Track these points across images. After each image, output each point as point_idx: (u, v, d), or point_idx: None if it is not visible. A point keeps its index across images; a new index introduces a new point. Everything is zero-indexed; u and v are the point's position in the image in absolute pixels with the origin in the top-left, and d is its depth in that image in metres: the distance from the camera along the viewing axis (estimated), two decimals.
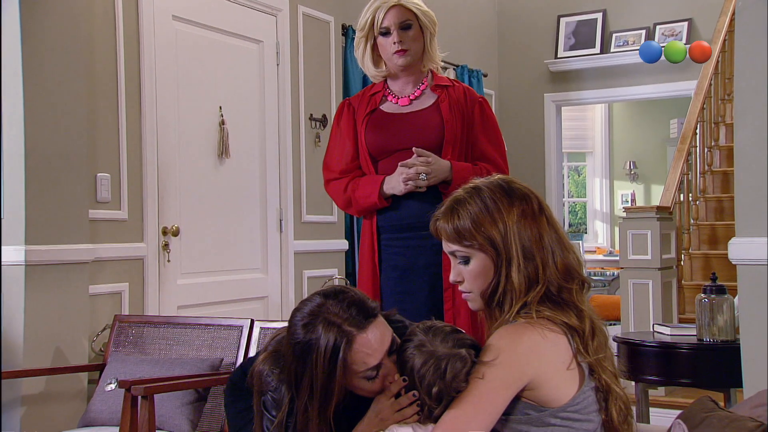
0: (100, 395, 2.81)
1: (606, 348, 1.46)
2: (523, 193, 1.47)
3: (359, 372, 1.40)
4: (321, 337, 1.38)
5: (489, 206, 1.44)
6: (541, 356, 1.37)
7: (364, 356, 1.38)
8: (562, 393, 1.38)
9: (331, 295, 1.44)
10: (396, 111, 2.43)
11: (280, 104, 4.04)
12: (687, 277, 4.79)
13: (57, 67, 2.89)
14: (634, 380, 3.11)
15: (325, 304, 1.42)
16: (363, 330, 1.39)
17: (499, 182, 1.48)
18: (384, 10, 2.36)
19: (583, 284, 1.47)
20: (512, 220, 1.43)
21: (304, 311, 1.43)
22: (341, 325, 1.38)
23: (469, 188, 1.49)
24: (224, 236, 3.75)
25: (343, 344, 1.37)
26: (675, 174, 4.69)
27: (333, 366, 1.37)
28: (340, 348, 1.36)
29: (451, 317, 2.31)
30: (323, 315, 1.40)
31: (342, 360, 1.37)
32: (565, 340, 1.40)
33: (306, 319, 1.42)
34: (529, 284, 1.42)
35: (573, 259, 1.47)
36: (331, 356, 1.37)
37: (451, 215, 1.46)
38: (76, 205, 2.95)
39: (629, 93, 6.23)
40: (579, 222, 9.40)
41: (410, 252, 2.37)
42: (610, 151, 9.22)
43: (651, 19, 5.94)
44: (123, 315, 3.13)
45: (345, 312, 1.40)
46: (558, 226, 1.48)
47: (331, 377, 1.37)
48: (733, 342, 2.84)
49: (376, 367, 1.40)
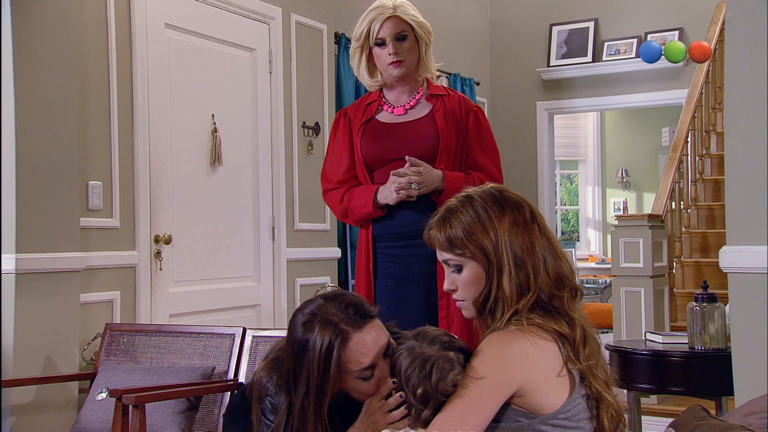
0: (90, 404, 2.80)
1: (598, 355, 1.47)
2: (515, 202, 1.48)
3: (354, 371, 1.43)
4: (317, 335, 1.42)
5: (481, 215, 1.45)
6: (530, 363, 1.38)
7: (359, 355, 1.42)
8: (553, 400, 1.39)
9: (330, 297, 1.50)
10: (391, 120, 2.44)
11: (272, 112, 4.04)
12: (679, 285, 4.81)
13: (49, 74, 2.88)
14: (627, 388, 3.11)
15: (325, 305, 1.47)
16: (359, 330, 1.43)
17: (491, 191, 1.50)
18: (380, 21, 2.37)
19: (575, 292, 1.48)
20: (503, 229, 1.44)
21: (305, 311, 1.49)
22: (338, 324, 1.43)
23: (462, 197, 1.51)
24: (217, 244, 3.74)
25: (338, 342, 1.41)
26: (667, 182, 4.71)
27: (328, 363, 1.40)
28: (335, 346, 1.41)
29: (445, 325, 2.32)
30: (321, 314, 1.45)
31: (337, 358, 1.40)
32: (555, 348, 1.41)
33: (305, 317, 1.47)
34: (520, 292, 1.43)
35: (565, 267, 1.48)
36: (327, 354, 1.41)
37: (444, 224, 1.48)
38: (67, 213, 2.94)
39: (621, 101, 6.26)
40: (571, 230, 9.42)
41: (405, 260, 2.38)
42: (603, 159, 9.26)
43: (642, 28, 5.98)
44: (114, 323, 3.11)
45: (342, 312, 1.45)
46: (550, 235, 1.49)
47: (326, 375, 1.40)
48: (725, 350, 2.85)
49: (371, 368, 1.44)
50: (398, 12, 2.37)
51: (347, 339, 1.42)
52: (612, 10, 6.13)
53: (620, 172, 9.19)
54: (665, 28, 5.84)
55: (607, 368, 1.49)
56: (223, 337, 2.90)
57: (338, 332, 1.42)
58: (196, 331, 2.97)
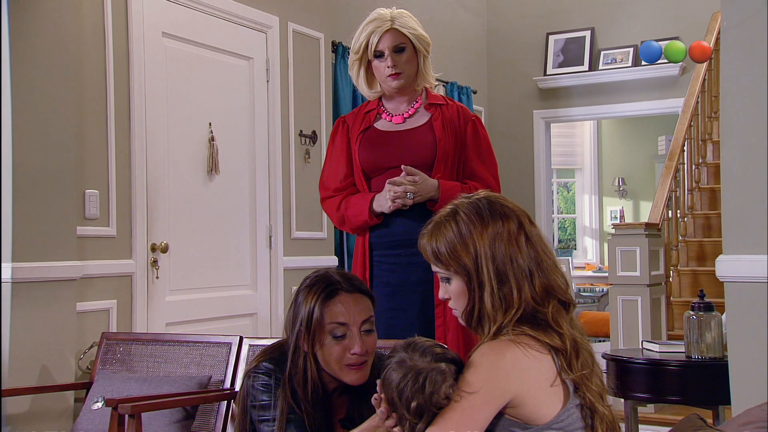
0: (86, 414, 2.78)
1: (592, 366, 1.46)
2: (502, 213, 1.47)
3: (328, 323, 1.63)
4: (314, 286, 1.68)
5: (462, 232, 1.45)
6: (523, 373, 1.37)
7: (338, 311, 1.64)
8: (546, 410, 1.38)
9: (335, 270, 1.76)
10: (390, 129, 2.45)
11: (269, 120, 4.04)
12: (675, 294, 4.81)
13: (46, 83, 2.88)
14: (624, 397, 3.11)
15: (329, 272, 1.73)
16: (348, 292, 1.67)
17: (477, 203, 1.49)
18: (378, 34, 2.37)
19: (566, 305, 1.47)
20: (484, 244, 1.44)
21: (312, 276, 1.73)
22: (333, 283, 1.68)
23: (448, 210, 1.50)
24: (213, 253, 3.73)
25: (327, 293, 1.66)
26: (663, 191, 4.72)
27: (314, 305, 1.64)
28: (322, 294, 1.65)
29: (441, 333, 2.32)
30: (325, 276, 1.71)
31: (321, 303, 1.64)
32: (548, 357, 1.40)
33: (311, 278, 1.72)
34: (504, 307, 1.42)
35: (555, 279, 1.46)
36: (316, 298, 1.65)
37: (430, 237, 1.49)
38: (64, 221, 2.93)
39: (617, 110, 6.28)
40: (568, 238, 9.42)
41: (401, 269, 2.38)
42: (599, 167, 9.27)
43: (638, 37, 6.00)
44: (110, 332, 3.10)
45: (342, 278, 1.70)
46: (540, 246, 1.47)
47: (311, 316, 1.63)
48: (721, 359, 2.85)
49: (344, 326, 1.64)
50: (396, 24, 2.38)
51: (335, 294, 1.65)
52: (608, 19, 6.16)
53: (617, 181, 9.21)
54: (661, 37, 5.87)
55: (602, 378, 1.48)
56: (219, 346, 2.89)
57: (331, 287, 1.66)
58: (193, 340, 2.96)
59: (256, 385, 1.68)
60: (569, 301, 1.48)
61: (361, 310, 1.66)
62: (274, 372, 1.67)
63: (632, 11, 6.07)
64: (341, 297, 1.65)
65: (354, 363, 1.64)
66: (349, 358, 1.62)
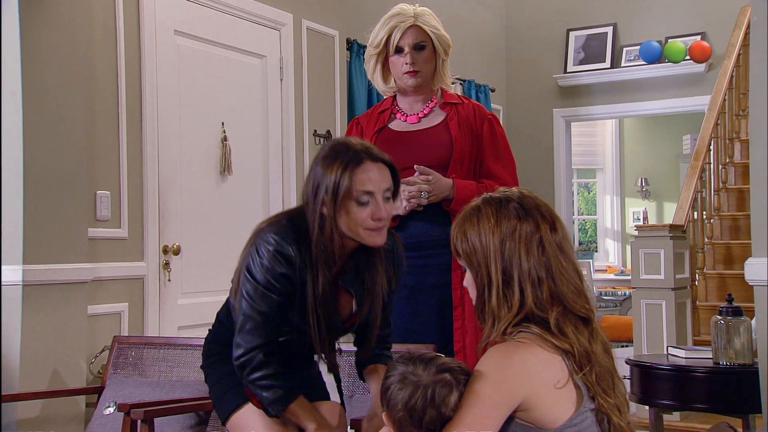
0: (98, 419, 2.76)
1: (611, 379, 1.42)
2: (524, 213, 1.45)
3: (356, 191, 1.70)
4: (338, 156, 1.72)
5: (479, 225, 1.47)
6: (532, 375, 1.35)
7: (365, 179, 1.70)
8: (558, 414, 1.36)
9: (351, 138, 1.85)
10: (404, 129, 2.44)
11: (283, 120, 4.00)
12: (702, 298, 4.70)
13: (56, 83, 2.85)
14: (648, 404, 3.05)
15: (348, 140, 1.79)
16: (372, 161, 1.73)
17: (505, 199, 1.48)
18: (401, 30, 2.38)
19: (585, 320, 1.43)
20: (494, 240, 1.44)
21: (330, 145, 1.78)
22: (358, 152, 1.73)
23: (477, 201, 1.51)
24: (226, 255, 3.67)
25: (354, 163, 1.71)
26: (688, 191, 4.61)
27: (340, 174, 1.69)
28: (350, 164, 1.70)
29: (460, 336, 2.31)
30: (346, 145, 1.75)
31: (350, 173, 1.69)
32: (559, 359, 1.38)
33: (331, 147, 1.77)
34: (508, 308, 1.42)
35: (566, 288, 1.42)
36: (343, 168, 1.70)
37: (455, 230, 1.51)
38: (75, 223, 2.91)
39: (640, 108, 6.17)
40: (589, 240, 9.30)
41: (418, 271, 2.35)
42: (621, 167, 9.14)
43: (663, 33, 5.88)
44: (122, 336, 3.08)
45: (362, 147, 1.74)
46: (557, 255, 1.44)
47: (338, 185, 1.69)
48: (751, 366, 2.80)
49: (370, 194, 1.71)
50: (419, 21, 2.39)
51: (362, 161, 1.71)
52: (631, 14, 6.04)
53: (640, 181, 9.06)
54: (687, 33, 5.75)
55: (623, 391, 1.45)
56: None
57: (358, 155, 1.71)
58: None
59: (272, 256, 1.73)
60: (586, 315, 1.44)
61: (384, 179, 1.74)
62: (300, 254, 1.73)
63: (656, 6, 5.95)
64: (366, 165, 1.72)
65: (376, 227, 1.74)
66: (372, 223, 1.72)
